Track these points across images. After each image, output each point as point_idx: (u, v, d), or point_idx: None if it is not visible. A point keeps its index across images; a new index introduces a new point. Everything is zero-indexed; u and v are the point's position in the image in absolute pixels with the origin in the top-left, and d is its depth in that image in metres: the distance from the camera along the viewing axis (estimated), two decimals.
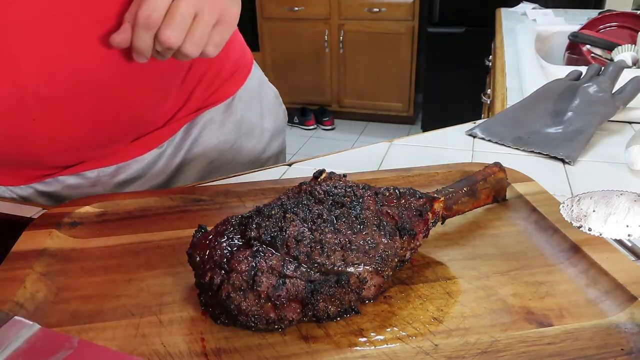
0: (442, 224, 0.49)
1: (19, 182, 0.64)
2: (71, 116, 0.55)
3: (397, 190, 0.45)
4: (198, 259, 0.40)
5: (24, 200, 0.66)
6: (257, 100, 0.79)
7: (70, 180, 0.65)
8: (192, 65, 0.67)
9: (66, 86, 0.52)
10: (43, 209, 0.59)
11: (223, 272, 0.37)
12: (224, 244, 0.39)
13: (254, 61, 0.80)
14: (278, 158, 0.84)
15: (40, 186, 0.65)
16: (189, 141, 0.72)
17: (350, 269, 0.39)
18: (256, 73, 0.80)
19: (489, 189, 0.53)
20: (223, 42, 0.52)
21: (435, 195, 0.47)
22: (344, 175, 0.48)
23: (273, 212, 0.40)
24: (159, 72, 0.61)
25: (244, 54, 0.77)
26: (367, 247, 0.40)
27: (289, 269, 0.37)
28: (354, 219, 0.41)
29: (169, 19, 0.47)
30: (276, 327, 0.38)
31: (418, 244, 0.44)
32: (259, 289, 0.36)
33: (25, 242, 0.48)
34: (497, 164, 0.54)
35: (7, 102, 0.50)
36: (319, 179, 0.46)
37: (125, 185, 0.69)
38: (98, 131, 0.59)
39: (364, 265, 0.39)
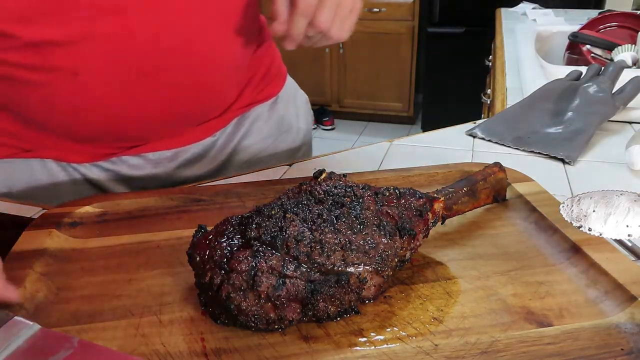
0: (442, 224, 0.49)
1: (86, 159, 0.67)
2: (164, 91, 0.60)
3: (397, 190, 0.45)
4: (198, 259, 0.40)
5: (87, 180, 0.68)
6: (293, 102, 0.86)
7: (133, 160, 0.69)
8: (251, 62, 0.73)
9: (166, 61, 0.58)
10: (43, 209, 0.59)
11: (223, 272, 0.37)
12: (224, 244, 0.39)
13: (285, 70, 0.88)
14: (308, 156, 0.90)
15: (105, 164, 0.68)
16: (240, 133, 0.77)
17: (350, 269, 0.39)
18: (290, 78, 0.87)
19: (489, 189, 0.53)
20: (352, 28, 0.59)
21: (435, 195, 0.47)
22: (344, 175, 0.48)
23: (273, 212, 0.40)
24: (238, 62, 0.68)
25: (281, 60, 0.85)
26: (367, 247, 0.40)
27: (289, 269, 0.37)
28: (354, 219, 0.41)
29: (321, 6, 0.53)
30: (276, 327, 0.38)
31: (418, 244, 0.44)
32: (259, 289, 0.36)
33: (26, 242, 0.48)
34: (497, 164, 0.54)
35: (117, 77, 0.55)
36: (319, 179, 0.46)
37: (182, 168, 0.72)
38: (181, 107, 0.64)
39: (364, 265, 0.39)
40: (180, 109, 0.64)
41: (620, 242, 0.49)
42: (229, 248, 0.39)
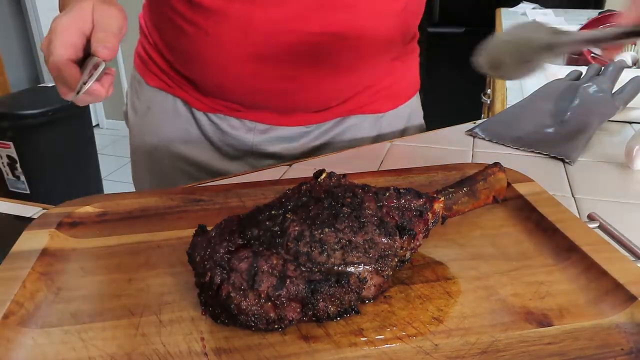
0: (442, 224, 0.49)
1: (203, 109, 0.77)
2: (278, 72, 0.68)
3: (397, 190, 0.45)
4: (198, 258, 0.40)
5: (196, 122, 0.78)
6: (401, 126, 0.86)
7: (234, 121, 0.77)
8: (379, 70, 0.76)
9: (287, 48, 0.66)
10: (43, 209, 0.59)
11: (223, 271, 0.37)
12: (224, 244, 0.39)
13: (417, 95, 0.89)
14: None
15: (213, 116, 0.77)
16: (334, 132, 0.80)
17: (351, 269, 0.39)
18: (413, 105, 0.87)
19: (489, 189, 0.53)
20: None
21: (435, 195, 0.47)
22: (344, 176, 0.48)
23: (273, 212, 0.40)
24: (368, 62, 0.72)
25: (414, 83, 0.87)
26: (367, 247, 0.40)
27: (289, 268, 0.37)
28: (354, 218, 0.41)
29: None
30: (276, 326, 0.38)
31: (418, 244, 0.44)
32: (259, 288, 0.36)
33: (26, 241, 0.48)
34: (497, 164, 0.54)
35: (239, 49, 0.66)
36: (319, 179, 0.46)
37: (268, 143, 0.78)
38: (293, 90, 0.71)
39: (364, 265, 0.39)
40: (291, 92, 0.71)
41: (620, 242, 0.49)
42: (229, 248, 0.39)
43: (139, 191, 0.59)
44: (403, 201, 0.45)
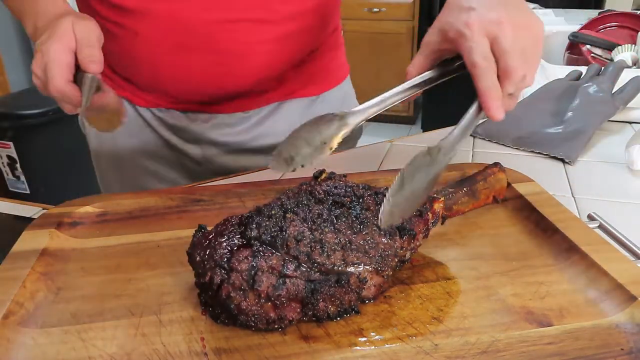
0: (442, 224, 0.49)
1: (146, 105, 0.78)
2: (204, 60, 0.69)
3: None
4: (198, 258, 0.40)
5: (143, 119, 0.79)
6: (337, 109, 0.85)
7: (176, 113, 0.78)
8: (306, 56, 0.78)
9: (209, 37, 0.67)
10: (43, 209, 0.59)
11: (223, 271, 0.37)
12: (224, 244, 0.39)
13: (348, 78, 0.92)
14: None
15: (157, 111, 0.78)
16: (272, 119, 0.81)
17: (351, 269, 0.39)
18: (345, 87, 0.89)
19: (489, 189, 0.53)
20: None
21: (435, 195, 0.48)
22: (344, 176, 0.48)
23: (273, 212, 0.40)
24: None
25: (342, 66, 0.88)
26: (367, 247, 0.40)
27: (289, 268, 0.37)
28: (354, 218, 0.41)
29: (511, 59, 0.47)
30: (276, 326, 0.38)
31: (418, 244, 0.44)
32: (259, 288, 0.36)
33: (26, 242, 0.48)
34: (497, 164, 0.54)
35: (166, 44, 0.67)
36: (319, 179, 0.46)
37: (214, 131, 0.79)
38: (217, 75, 0.72)
39: (364, 265, 0.39)
40: (216, 77, 0.72)
41: (620, 242, 0.49)
42: (229, 248, 0.39)
43: (139, 191, 0.59)
44: None
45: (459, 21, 0.48)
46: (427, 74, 0.52)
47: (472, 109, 0.49)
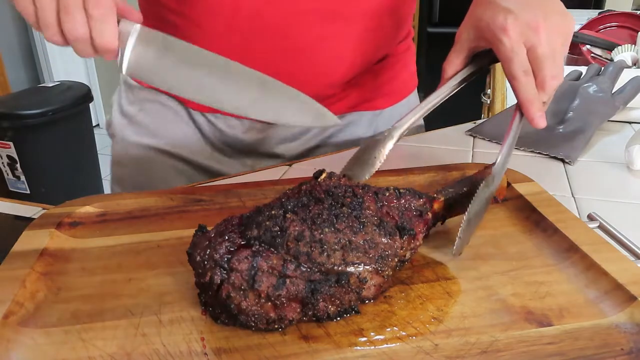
0: (442, 224, 0.49)
1: (198, 108, 0.75)
2: (271, 60, 0.66)
3: (397, 190, 0.45)
4: (198, 258, 0.40)
5: (193, 121, 0.76)
6: None
7: (231, 120, 0.75)
8: (372, 67, 0.74)
9: (272, 40, 0.65)
10: (43, 209, 0.59)
11: (223, 271, 0.37)
12: (224, 244, 0.39)
13: (416, 93, 0.87)
14: None
15: (210, 116, 0.75)
16: (332, 130, 0.79)
17: (351, 269, 0.39)
18: (412, 101, 0.85)
19: None
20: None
21: (435, 195, 0.48)
22: (344, 175, 0.48)
23: (273, 212, 0.40)
24: (357, 53, 0.69)
25: (412, 77, 0.85)
26: (367, 247, 0.40)
27: (289, 268, 0.37)
28: (354, 218, 0.41)
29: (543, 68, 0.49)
30: (276, 326, 0.38)
31: (418, 244, 0.44)
32: (259, 288, 0.36)
33: (26, 242, 0.48)
34: None
35: (229, 38, 0.64)
36: (319, 179, 0.46)
37: (268, 141, 0.76)
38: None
39: (364, 265, 0.39)
40: (283, 76, 0.71)
41: (620, 242, 0.49)
42: (229, 248, 0.39)
43: (139, 191, 0.59)
44: (403, 201, 0.45)
45: (496, 24, 0.48)
46: (461, 74, 0.53)
47: (515, 122, 0.51)
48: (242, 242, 0.39)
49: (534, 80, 0.49)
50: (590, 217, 0.53)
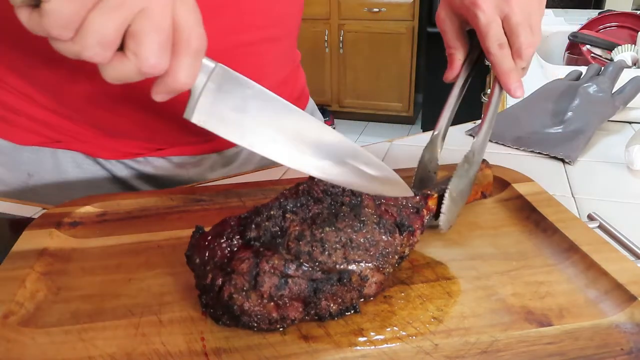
0: (435, 219, 0.49)
1: (114, 156, 0.67)
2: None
3: None
4: (198, 260, 0.39)
5: (112, 175, 0.68)
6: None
7: (158, 161, 0.68)
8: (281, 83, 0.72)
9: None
10: (43, 209, 0.59)
11: (224, 273, 0.37)
12: (224, 245, 0.39)
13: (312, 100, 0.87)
14: None
15: (131, 162, 0.68)
16: None
17: (352, 267, 0.39)
18: (311, 100, 0.85)
19: (477, 185, 0.53)
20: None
21: (429, 192, 0.48)
22: None
23: (272, 213, 0.40)
24: (281, 69, 0.68)
25: (305, 82, 0.83)
26: (367, 245, 0.40)
27: (290, 268, 0.37)
28: (354, 217, 0.41)
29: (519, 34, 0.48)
30: (278, 326, 0.37)
31: (416, 240, 0.44)
32: (261, 289, 0.36)
33: (26, 241, 0.48)
34: (484, 161, 0.55)
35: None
36: (317, 179, 0.46)
37: (205, 172, 0.72)
38: None
39: (365, 262, 0.39)
40: None
41: (620, 242, 0.49)
42: (229, 249, 0.39)
43: (139, 191, 0.59)
44: (400, 199, 0.45)
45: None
46: (468, 63, 0.54)
47: (495, 96, 0.52)
48: (242, 243, 0.39)
49: (510, 52, 0.49)
50: (590, 217, 0.53)
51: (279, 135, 0.36)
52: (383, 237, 0.41)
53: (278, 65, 0.68)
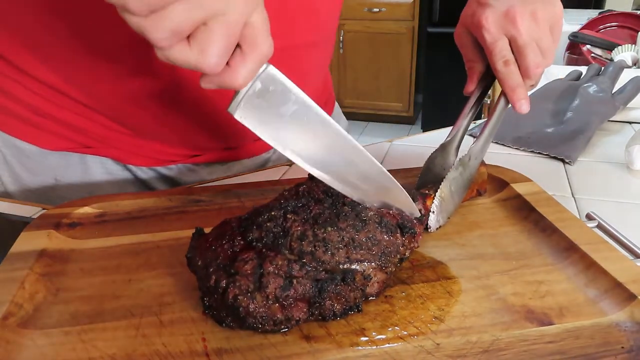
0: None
1: (145, 163, 0.66)
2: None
3: None
4: (200, 262, 0.39)
5: (142, 182, 0.67)
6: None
7: (189, 168, 0.68)
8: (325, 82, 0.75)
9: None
10: (43, 209, 0.59)
11: (228, 275, 0.37)
12: (226, 246, 0.39)
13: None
14: None
15: (162, 170, 0.67)
16: None
17: (355, 266, 0.39)
18: (337, 105, 0.86)
19: (473, 184, 0.54)
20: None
21: (427, 192, 0.48)
22: None
23: (273, 213, 0.40)
24: (320, 73, 0.69)
25: (332, 86, 0.84)
26: (370, 244, 0.40)
27: (294, 268, 0.37)
28: (355, 216, 0.41)
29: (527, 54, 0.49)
30: (282, 327, 0.37)
31: (417, 245, 0.44)
32: (266, 290, 0.36)
33: (24, 242, 0.48)
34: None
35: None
36: (317, 180, 0.46)
37: (236, 178, 0.70)
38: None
39: (368, 262, 0.39)
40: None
41: (619, 241, 0.49)
42: (231, 250, 0.38)
43: (138, 192, 0.59)
44: None
45: (475, 19, 0.50)
46: (485, 75, 0.54)
47: (499, 107, 0.53)
48: (244, 244, 0.39)
49: (516, 69, 0.50)
50: (589, 217, 0.53)
51: (312, 145, 0.38)
52: (385, 236, 0.41)
53: (319, 70, 0.69)
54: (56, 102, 0.59)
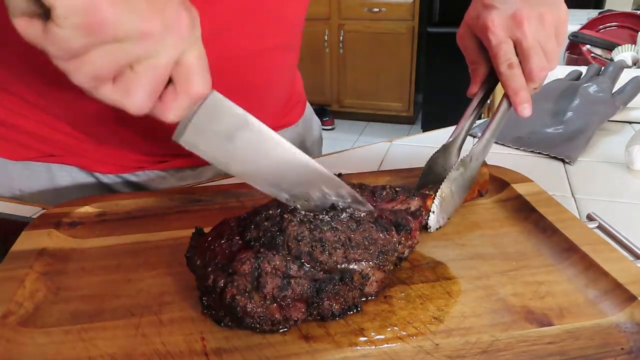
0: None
1: (110, 170, 0.65)
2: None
3: (392, 189, 0.45)
4: (199, 262, 0.39)
5: (109, 189, 0.67)
6: (309, 129, 0.84)
7: (157, 174, 0.68)
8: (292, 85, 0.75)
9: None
10: (43, 209, 0.59)
11: (226, 274, 0.37)
12: (224, 246, 0.39)
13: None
14: None
15: (128, 176, 0.66)
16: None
17: (353, 266, 0.39)
18: (308, 105, 0.86)
19: (474, 184, 0.54)
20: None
21: (427, 192, 0.48)
22: (340, 175, 0.48)
23: (271, 213, 0.40)
24: (288, 75, 0.69)
25: (302, 86, 0.85)
26: (366, 243, 0.40)
27: (292, 268, 0.37)
28: (350, 217, 0.41)
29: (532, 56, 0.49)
30: (281, 327, 0.37)
31: (415, 241, 0.44)
32: (264, 290, 0.36)
33: (25, 242, 0.48)
34: None
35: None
36: None
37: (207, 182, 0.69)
38: None
39: (366, 261, 0.39)
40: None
41: (619, 242, 0.49)
42: (229, 250, 0.39)
43: (138, 192, 0.59)
44: (399, 198, 0.45)
45: (480, 21, 0.50)
46: (489, 77, 0.54)
47: (501, 109, 0.53)
48: (242, 244, 0.39)
49: (520, 72, 0.50)
50: (590, 217, 0.53)
51: (262, 168, 0.38)
52: (380, 234, 0.41)
53: (288, 70, 0.69)
54: (20, 111, 0.59)
